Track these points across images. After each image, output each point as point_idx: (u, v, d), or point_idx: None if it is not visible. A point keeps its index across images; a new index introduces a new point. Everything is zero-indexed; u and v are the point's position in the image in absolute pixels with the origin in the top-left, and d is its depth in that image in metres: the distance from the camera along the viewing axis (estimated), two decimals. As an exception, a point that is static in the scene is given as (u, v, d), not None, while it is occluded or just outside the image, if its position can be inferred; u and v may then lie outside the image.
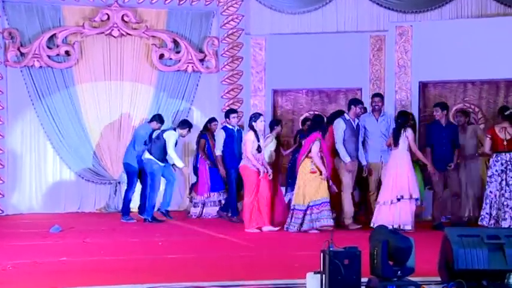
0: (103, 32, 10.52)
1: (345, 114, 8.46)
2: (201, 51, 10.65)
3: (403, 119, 8.23)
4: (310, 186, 7.94)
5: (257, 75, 10.45)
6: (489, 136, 7.93)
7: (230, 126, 9.24)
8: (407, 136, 8.10)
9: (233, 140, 9.16)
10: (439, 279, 4.77)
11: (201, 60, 10.63)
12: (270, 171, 8.17)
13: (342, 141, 8.30)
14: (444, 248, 4.67)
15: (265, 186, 8.11)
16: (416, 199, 8.03)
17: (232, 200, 9.20)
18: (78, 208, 10.47)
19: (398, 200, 7.98)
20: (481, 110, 9.78)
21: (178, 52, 10.62)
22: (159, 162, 9.00)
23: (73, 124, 10.48)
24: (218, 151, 9.21)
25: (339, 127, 8.33)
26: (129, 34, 10.56)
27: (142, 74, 10.61)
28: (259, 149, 8.07)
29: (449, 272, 4.59)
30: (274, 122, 9.22)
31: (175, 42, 10.63)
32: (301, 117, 10.14)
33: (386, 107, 9.77)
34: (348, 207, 8.33)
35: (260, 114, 8.43)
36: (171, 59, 10.61)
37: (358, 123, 8.46)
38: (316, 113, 9.71)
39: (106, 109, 10.59)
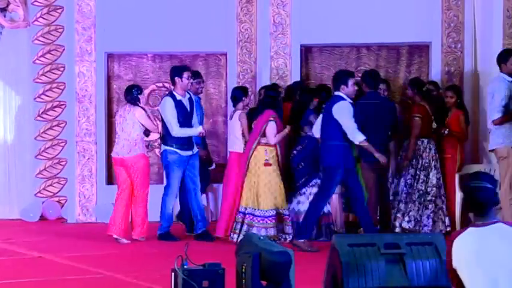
0: None
1: (502, 74, 7.60)
2: (2, -4, 10.41)
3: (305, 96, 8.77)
4: (270, 184, 8.21)
5: (84, 33, 10.26)
6: (420, 116, 8.46)
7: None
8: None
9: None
10: (324, 302, 4.99)
11: (3, 10, 10.35)
12: None
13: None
14: (331, 262, 4.73)
15: None
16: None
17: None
18: None
19: None
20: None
21: (-34, -3, 10.33)
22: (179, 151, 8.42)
23: None
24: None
25: (501, 91, 7.46)
26: None
27: None
28: None
29: (337, 292, 4.80)
30: (241, 92, 8.81)
31: (-39, -19, 10.36)
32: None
33: (259, 77, 9.96)
34: None
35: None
36: (-45, 6, 10.35)
37: None
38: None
39: None
